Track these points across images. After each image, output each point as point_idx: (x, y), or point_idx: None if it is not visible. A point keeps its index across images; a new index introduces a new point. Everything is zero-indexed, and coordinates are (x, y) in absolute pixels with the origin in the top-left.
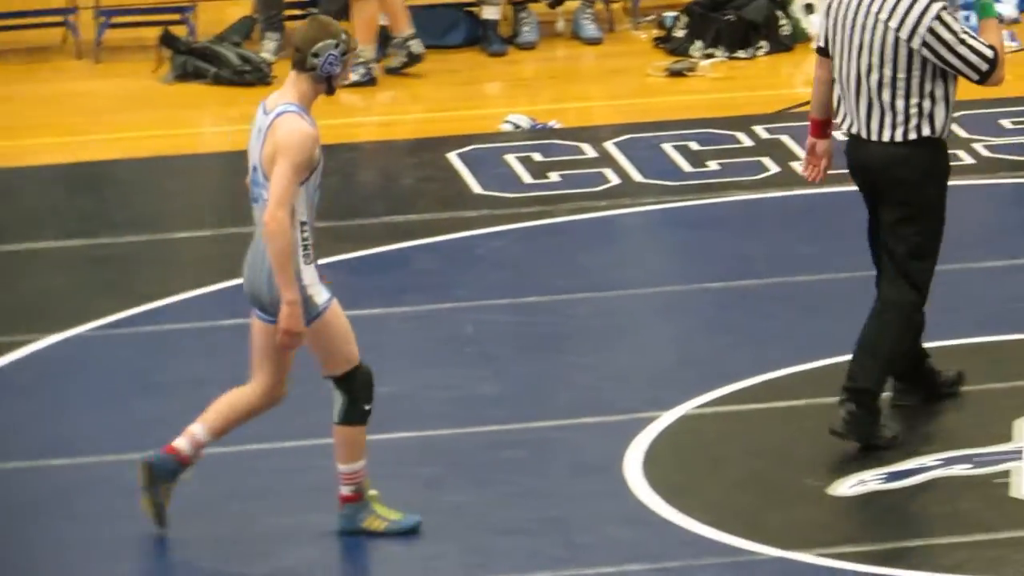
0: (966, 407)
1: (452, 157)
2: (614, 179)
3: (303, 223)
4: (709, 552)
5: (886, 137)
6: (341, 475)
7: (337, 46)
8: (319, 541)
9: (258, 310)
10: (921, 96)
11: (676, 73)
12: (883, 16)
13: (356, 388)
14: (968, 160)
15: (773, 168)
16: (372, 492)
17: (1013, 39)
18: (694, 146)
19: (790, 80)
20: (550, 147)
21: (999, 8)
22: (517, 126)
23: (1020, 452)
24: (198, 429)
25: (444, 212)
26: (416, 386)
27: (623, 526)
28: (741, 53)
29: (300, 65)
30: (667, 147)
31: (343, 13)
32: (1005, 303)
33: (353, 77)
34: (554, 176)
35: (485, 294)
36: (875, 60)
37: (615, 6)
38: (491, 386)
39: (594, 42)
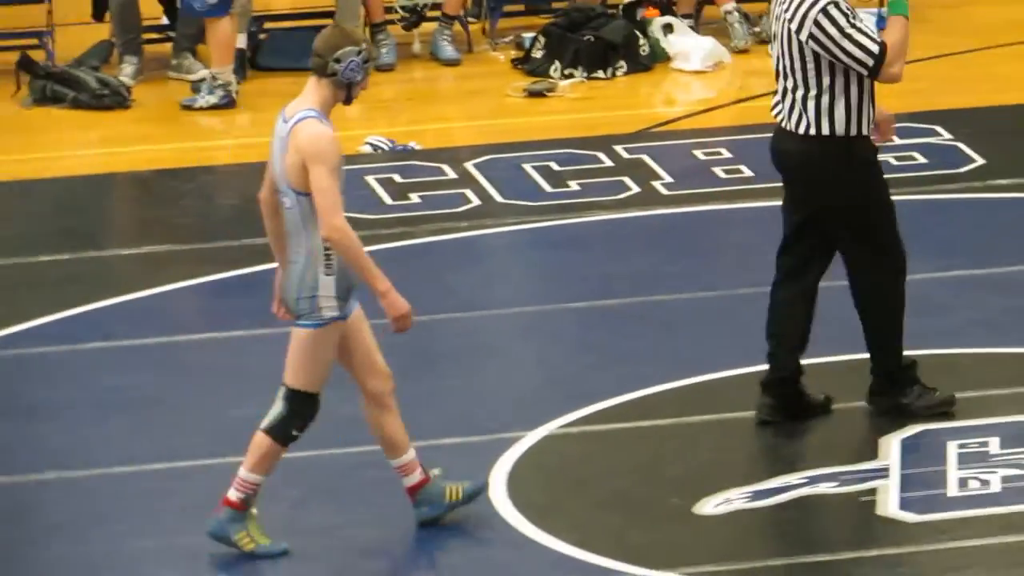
0: (832, 425)
1: None
2: (475, 200)
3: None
4: (575, 571)
5: (801, 129)
6: (238, 479)
7: (359, 53)
8: (188, 564)
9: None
10: (819, 90)
11: (535, 94)
12: (786, 12)
13: (297, 410)
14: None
15: (634, 188)
16: (254, 511)
17: None
18: (555, 166)
19: (649, 100)
20: (410, 168)
21: None
22: (377, 148)
23: (886, 470)
24: (398, 461)
25: None
26: None
27: (489, 546)
28: (600, 73)
29: (321, 71)
30: (528, 167)
31: (200, 36)
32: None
33: (212, 99)
34: (415, 197)
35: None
36: (783, 53)
37: (473, 27)
38: (354, 407)
39: (453, 63)
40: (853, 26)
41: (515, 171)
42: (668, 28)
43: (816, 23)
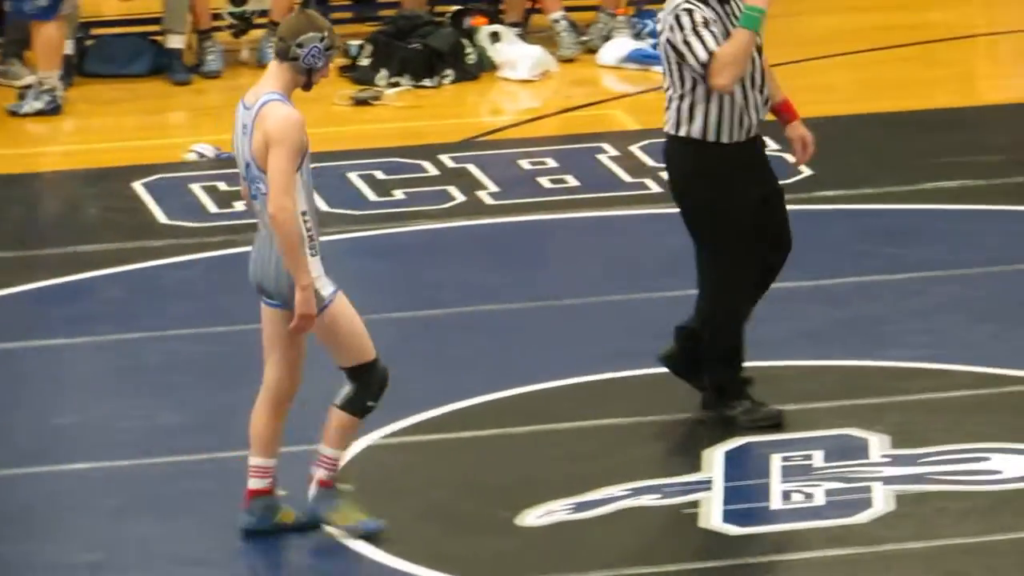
0: (656, 437)
1: (137, 187)
2: None
3: (303, 212)
4: None
5: (668, 127)
6: (321, 457)
7: (322, 40)
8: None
9: (265, 298)
10: (683, 91)
11: (361, 102)
12: (663, 12)
13: (366, 382)
14: (655, 189)
15: (459, 197)
16: (344, 487)
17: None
18: (380, 175)
19: (476, 109)
20: (234, 176)
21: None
22: (202, 155)
23: (709, 482)
24: (257, 461)
25: (130, 242)
26: (101, 416)
27: (310, 556)
28: (427, 82)
29: (283, 55)
30: (353, 176)
31: (27, 42)
32: None
33: (37, 105)
34: (240, 205)
35: (170, 324)
36: (663, 53)
37: None
38: (176, 416)
39: None
40: (695, 32)
41: (340, 180)
42: (495, 36)
43: (670, 26)
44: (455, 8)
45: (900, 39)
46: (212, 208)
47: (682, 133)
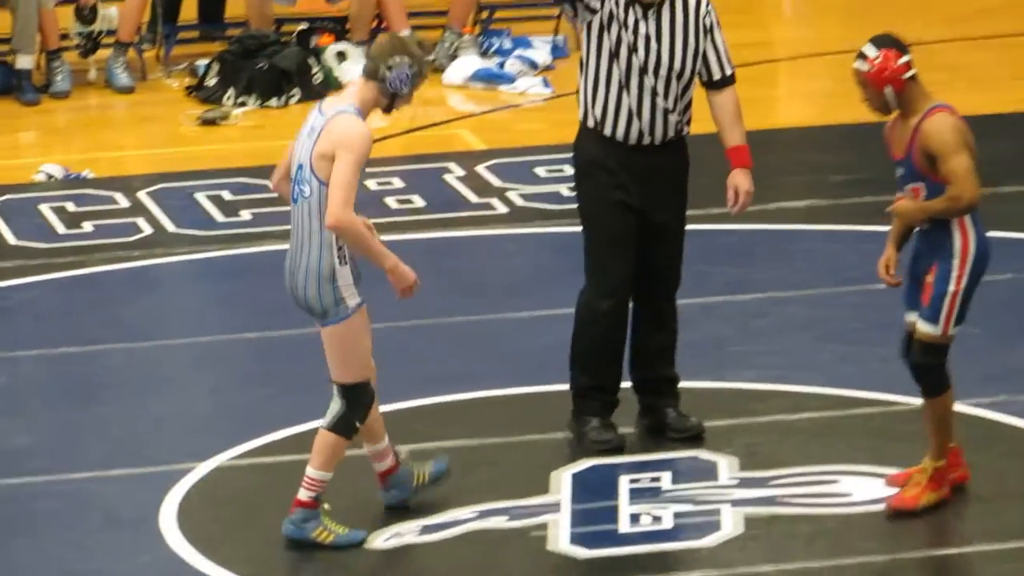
0: (503, 459)
1: None
2: (147, 229)
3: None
4: None
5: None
6: (306, 479)
7: (412, 66)
8: None
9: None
10: (585, 75)
11: (209, 122)
12: None
13: (356, 402)
14: (502, 209)
15: None
16: (325, 506)
17: (547, 85)
18: (227, 196)
19: None
20: (83, 197)
21: (534, 55)
22: (51, 176)
23: (557, 505)
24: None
25: None
26: None
27: None
28: (274, 101)
29: (371, 74)
30: (200, 196)
31: None
32: (541, 353)
33: None
34: (87, 226)
35: (17, 345)
36: None
37: (148, 54)
38: (23, 437)
39: (127, 91)
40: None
41: (188, 200)
42: (342, 55)
43: None
44: (301, 27)
45: (745, 58)
46: (60, 229)
47: (580, 116)
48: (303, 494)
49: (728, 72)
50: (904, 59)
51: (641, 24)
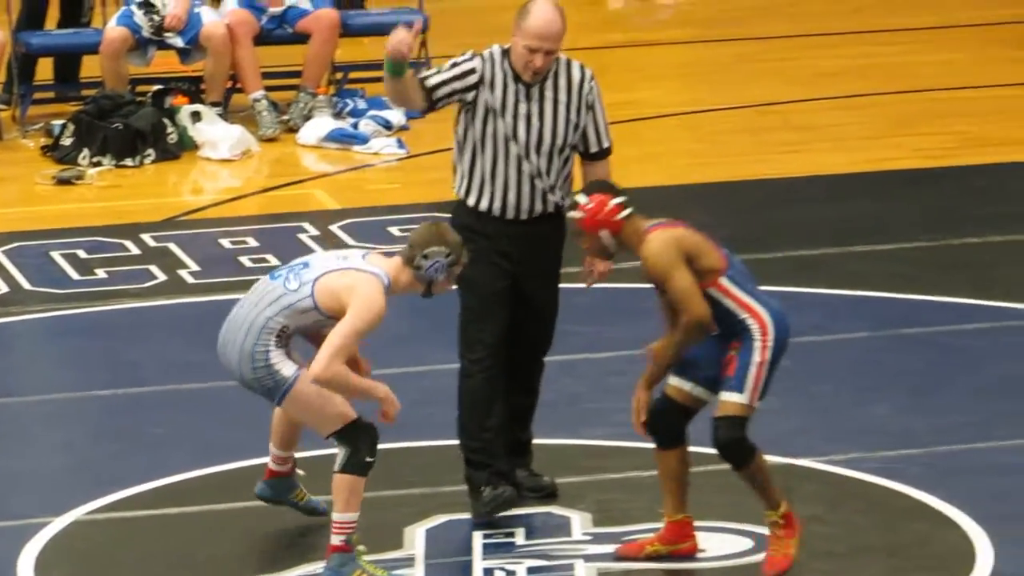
0: (360, 513)
1: None
2: (3, 287)
3: (285, 327)
4: None
5: None
6: (333, 523)
7: (448, 255)
8: None
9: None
10: (461, 154)
11: (64, 181)
12: None
13: (355, 439)
14: (356, 250)
15: (160, 276)
16: (360, 547)
17: (402, 146)
18: (82, 254)
19: (177, 188)
20: None
21: (388, 115)
22: None
23: (412, 560)
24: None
25: None
26: None
27: None
28: (129, 161)
29: (408, 260)
30: (56, 255)
31: None
32: (407, 409)
33: None
34: None
35: None
36: None
37: (3, 114)
38: None
39: None
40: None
41: (43, 258)
42: (196, 116)
43: None
44: (156, 88)
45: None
46: None
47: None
48: (334, 539)
49: (605, 145)
50: (616, 200)
51: (522, 105)
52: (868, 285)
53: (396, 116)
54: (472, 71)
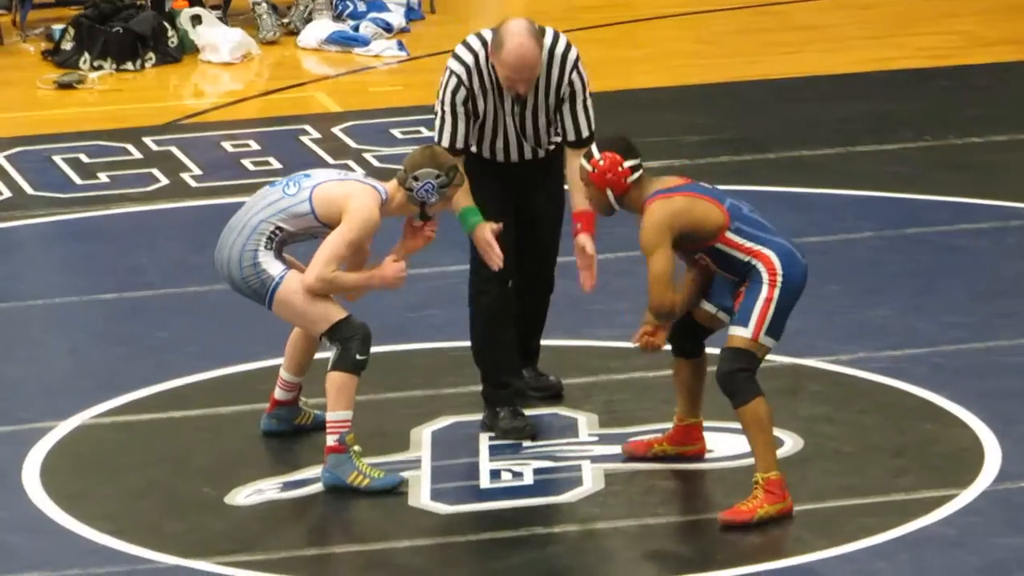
0: (363, 416)
1: None
2: (6, 192)
3: (278, 228)
4: (110, 561)
5: None
6: (328, 425)
7: (438, 177)
8: None
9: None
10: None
11: (65, 86)
12: None
13: (345, 337)
14: (359, 170)
15: (163, 180)
16: (356, 448)
17: (402, 48)
18: (84, 158)
19: (178, 92)
20: None
21: (388, 18)
22: None
23: (418, 461)
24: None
25: None
26: None
27: (22, 535)
28: (129, 65)
29: (401, 182)
30: (58, 159)
31: None
32: (401, 312)
33: None
34: None
35: None
36: None
37: (3, 19)
38: None
39: None
40: (446, 108)
41: (45, 163)
42: (197, 19)
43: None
44: None
45: (599, 19)
46: None
47: None
48: (329, 440)
49: (584, 135)
50: (629, 163)
51: (509, 105)
52: (871, 185)
53: (396, 18)
54: (459, 87)
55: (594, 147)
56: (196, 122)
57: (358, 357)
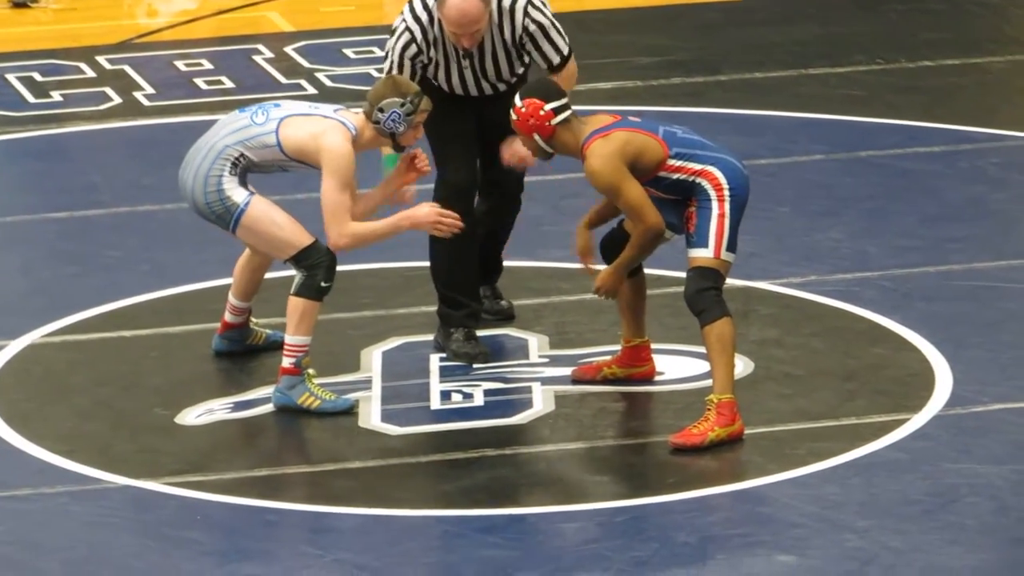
0: (316, 338)
1: None
2: None
3: (242, 156)
4: (60, 481)
5: None
6: (285, 346)
7: (403, 105)
8: None
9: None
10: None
11: (20, 5)
12: None
13: (311, 264)
14: (311, 90)
15: (116, 99)
16: (310, 371)
17: None
18: (37, 77)
19: (131, 11)
20: None
21: None
22: None
23: (368, 381)
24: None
25: None
26: None
27: None
28: None
29: (367, 115)
30: (11, 77)
31: None
32: None
33: None
34: None
35: None
36: None
37: None
38: None
39: None
40: (394, 56)
41: None
42: None
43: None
44: None
45: None
46: None
47: None
48: (285, 361)
49: (558, 61)
50: (551, 105)
51: (464, 60)
52: (822, 108)
53: None
54: (410, 44)
55: (517, 96)
56: (149, 41)
57: (323, 284)
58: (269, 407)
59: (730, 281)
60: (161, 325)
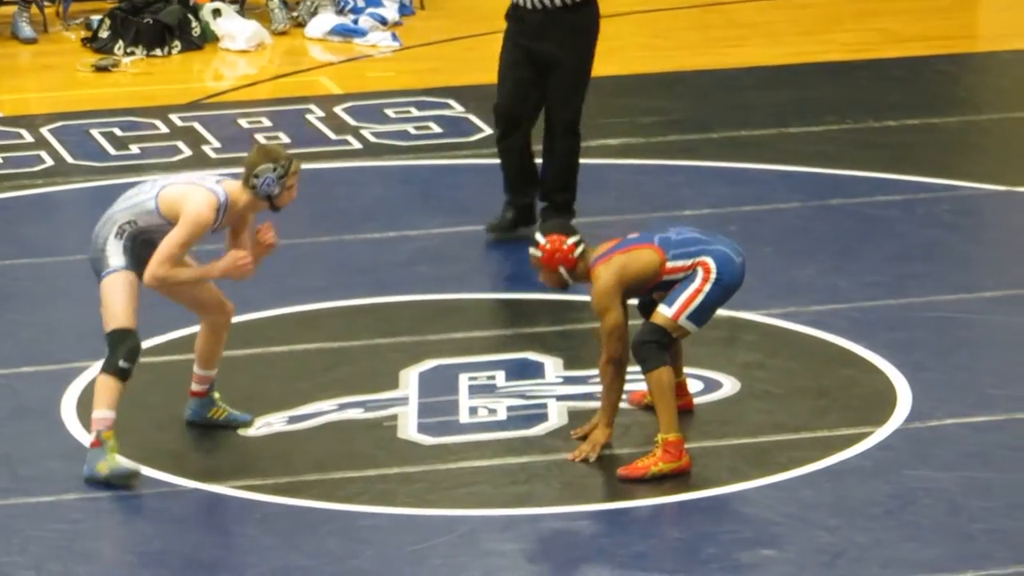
0: (358, 359)
1: None
2: (49, 160)
3: (132, 222)
4: (142, 484)
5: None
6: (93, 421)
7: (275, 170)
8: None
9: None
10: None
11: (102, 69)
12: None
13: (116, 343)
14: (357, 145)
15: (186, 151)
16: (111, 442)
17: (395, 39)
18: (118, 132)
19: (200, 75)
20: None
21: (384, 12)
22: None
23: (406, 399)
24: (198, 371)
25: None
26: None
27: (60, 461)
28: (158, 51)
29: (244, 182)
30: (95, 133)
31: None
32: (389, 269)
33: None
34: None
35: None
36: None
37: (48, 10)
38: None
39: (30, 42)
40: None
41: (84, 136)
42: (217, 12)
43: None
44: None
45: None
46: None
47: None
48: (93, 436)
49: None
50: (571, 240)
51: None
52: (799, 162)
53: (391, 13)
54: None
55: (537, 235)
56: (215, 101)
57: (120, 364)
58: (320, 420)
59: (719, 313)
60: (227, 348)
